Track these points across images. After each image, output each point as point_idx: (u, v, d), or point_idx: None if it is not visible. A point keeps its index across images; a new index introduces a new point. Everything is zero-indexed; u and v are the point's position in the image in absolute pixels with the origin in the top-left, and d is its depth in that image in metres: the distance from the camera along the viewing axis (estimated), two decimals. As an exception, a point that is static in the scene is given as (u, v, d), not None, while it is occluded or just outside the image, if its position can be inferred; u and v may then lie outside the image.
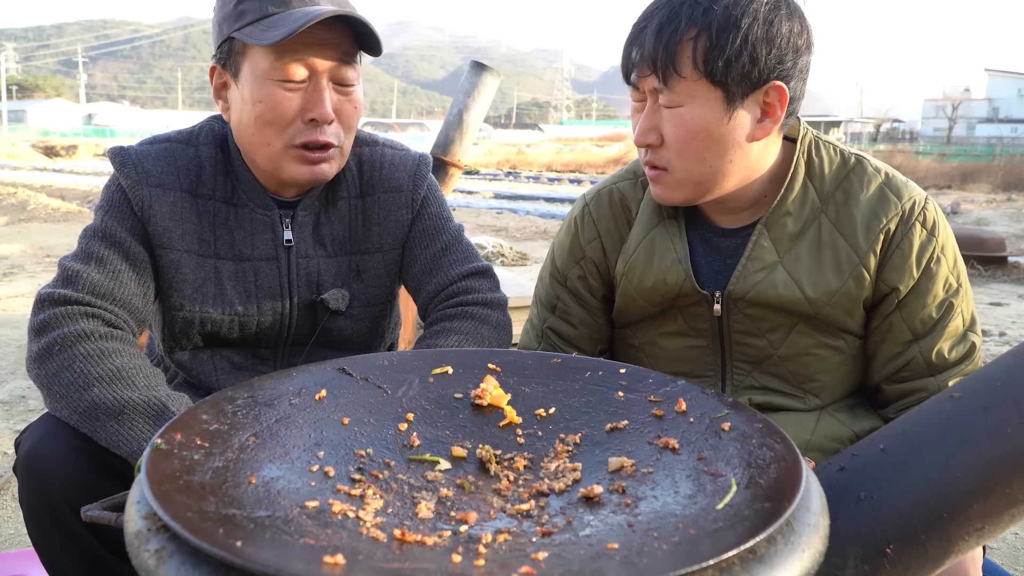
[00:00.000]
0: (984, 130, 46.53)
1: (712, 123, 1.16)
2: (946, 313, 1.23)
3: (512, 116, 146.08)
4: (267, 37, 1.22)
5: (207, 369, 1.41)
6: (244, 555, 0.60)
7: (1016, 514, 0.79)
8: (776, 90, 1.16)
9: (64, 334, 1.17)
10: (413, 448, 0.90)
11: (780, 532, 0.67)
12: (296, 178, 1.32)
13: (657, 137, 1.20)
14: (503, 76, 2.84)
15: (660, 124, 1.20)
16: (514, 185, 22.64)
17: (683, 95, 1.16)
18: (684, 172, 1.21)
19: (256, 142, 1.30)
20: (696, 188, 1.23)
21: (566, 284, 1.44)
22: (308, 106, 1.28)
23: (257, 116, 1.27)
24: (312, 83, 1.28)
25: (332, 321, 1.43)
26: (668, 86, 1.15)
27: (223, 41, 1.30)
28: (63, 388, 1.13)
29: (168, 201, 1.33)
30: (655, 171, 1.24)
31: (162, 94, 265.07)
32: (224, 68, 1.32)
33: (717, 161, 1.19)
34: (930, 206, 1.25)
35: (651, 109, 1.20)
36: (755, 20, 1.12)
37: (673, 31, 1.13)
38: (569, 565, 0.64)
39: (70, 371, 1.14)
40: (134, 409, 1.10)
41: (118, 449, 1.09)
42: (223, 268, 1.36)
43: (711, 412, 0.91)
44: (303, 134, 1.29)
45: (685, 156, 1.19)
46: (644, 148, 1.24)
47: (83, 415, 1.11)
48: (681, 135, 1.18)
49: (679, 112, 1.17)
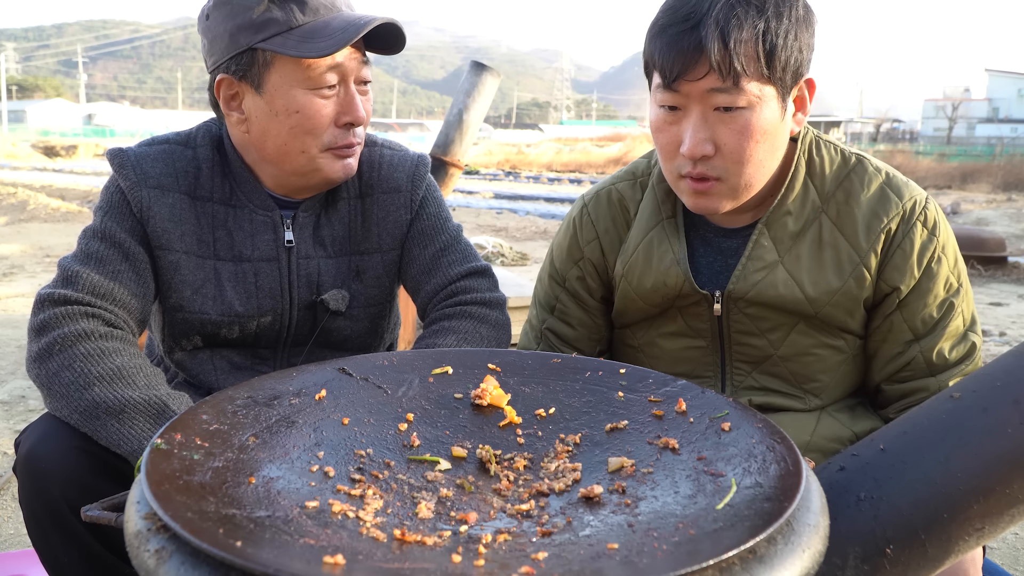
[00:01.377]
0: (984, 130, 46.54)
1: (773, 123, 1.15)
2: (947, 313, 1.23)
3: (512, 116, 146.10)
4: (314, 49, 1.22)
5: (207, 369, 1.41)
6: (244, 555, 0.60)
7: (1016, 514, 0.79)
8: (808, 83, 1.18)
9: (64, 334, 1.17)
10: (413, 448, 0.90)
11: (780, 532, 0.67)
12: (332, 177, 1.34)
13: (713, 147, 1.14)
14: (503, 76, 2.84)
15: (715, 133, 1.14)
16: (514, 185, 22.64)
17: (749, 96, 1.11)
18: (742, 178, 1.17)
19: (289, 151, 1.30)
20: (746, 192, 1.19)
21: (565, 285, 1.44)
22: (343, 110, 1.30)
23: (294, 126, 1.28)
24: (342, 87, 1.30)
25: (332, 321, 1.43)
26: (737, 85, 1.10)
27: (239, 52, 1.26)
28: (63, 388, 1.13)
29: (167, 203, 1.33)
30: (706, 183, 1.17)
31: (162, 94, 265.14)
32: (240, 80, 1.28)
33: (772, 162, 1.18)
34: (931, 206, 1.25)
35: (701, 116, 1.13)
36: (798, 12, 1.13)
37: (735, 29, 1.08)
38: (569, 565, 0.64)
39: (70, 371, 1.14)
40: (134, 408, 1.11)
41: (119, 448, 1.09)
42: (223, 269, 1.36)
43: (711, 412, 0.91)
44: (340, 138, 1.32)
45: (746, 162, 1.15)
46: (690, 161, 1.16)
47: (83, 414, 1.11)
48: (745, 140, 1.13)
49: (742, 116, 1.12)
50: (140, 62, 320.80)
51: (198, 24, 1.35)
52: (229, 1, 1.26)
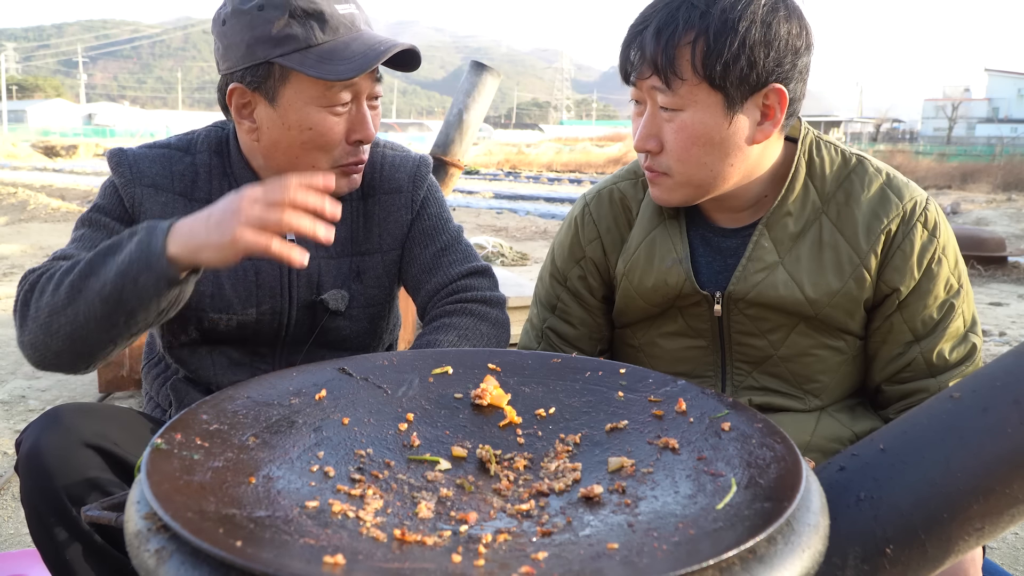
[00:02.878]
0: (984, 130, 46.55)
1: (713, 128, 1.16)
2: (947, 314, 1.23)
3: (512, 116, 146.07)
4: (334, 72, 1.22)
5: (206, 364, 1.41)
6: (244, 555, 0.60)
7: (1016, 514, 0.79)
8: (776, 92, 1.15)
9: (41, 273, 1.17)
10: (413, 448, 0.90)
11: (780, 532, 0.67)
12: (336, 192, 1.34)
13: (657, 144, 1.20)
14: (503, 76, 2.84)
15: (660, 130, 1.19)
16: (514, 185, 22.64)
17: (684, 98, 1.15)
18: (684, 176, 1.21)
19: (299, 164, 1.31)
20: (696, 190, 1.23)
21: (566, 284, 1.44)
22: (354, 128, 1.30)
23: (305, 141, 1.28)
24: (355, 105, 1.30)
25: (331, 321, 1.43)
26: (670, 87, 1.15)
27: (255, 64, 1.25)
28: (63, 299, 1.12)
29: (160, 201, 1.34)
30: (654, 174, 1.24)
31: (162, 94, 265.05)
32: (255, 91, 1.28)
33: (718, 165, 1.19)
34: (931, 207, 1.25)
35: (651, 114, 1.20)
36: (752, 23, 1.11)
37: (671, 34, 1.12)
38: (569, 565, 0.64)
39: (60, 285, 1.13)
40: (134, 259, 1.08)
41: (161, 295, 1.08)
42: (222, 268, 1.36)
43: (711, 412, 0.91)
44: (349, 155, 1.32)
45: (686, 162, 1.19)
46: (644, 153, 1.24)
47: (104, 299, 1.09)
48: (682, 141, 1.17)
49: (680, 117, 1.16)
50: (140, 62, 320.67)
51: (212, 26, 1.34)
52: (248, 11, 1.24)
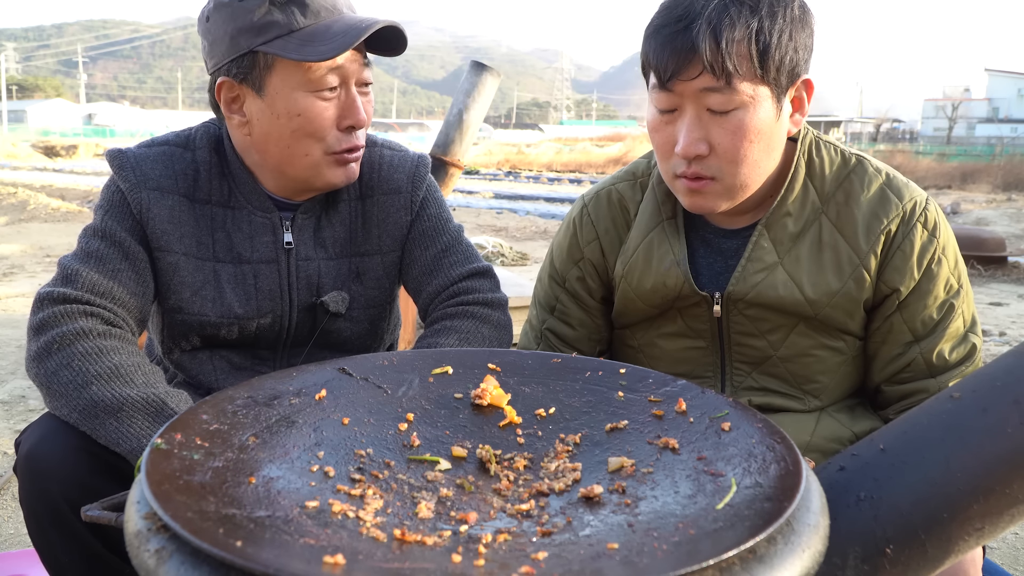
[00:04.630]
0: (984, 130, 46.53)
1: (768, 123, 1.15)
2: (947, 314, 1.23)
3: (512, 116, 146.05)
4: (315, 52, 1.22)
5: (206, 369, 1.41)
6: (244, 555, 0.60)
7: (1016, 514, 0.79)
8: (806, 83, 1.18)
9: (63, 332, 1.17)
10: (413, 448, 0.90)
11: (780, 532, 0.67)
12: (334, 182, 1.34)
13: (707, 147, 1.15)
14: (503, 76, 2.84)
15: (709, 133, 1.14)
16: (514, 185, 22.63)
17: (742, 96, 1.11)
18: (737, 178, 1.17)
19: (292, 154, 1.30)
20: (742, 192, 1.20)
21: (565, 285, 1.44)
22: (344, 114, 1.30)
23: (295, 129, 1.28)
24: (343, 90, 1.29)
25: (331, 323, 1.43)
26: (730, 85, 1.10)
27: (240, 55, 1.25)
28: (62, 386, 1.13)
29: (166, 204, 1.33)
30: (700, 182, 1.18)
31: (162, 94, 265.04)
32: (241, 83, 1.28)
33: (767, 162, 1.18)
34: (931, 207, 1.25)
35: (696, 116, 1.14)
36: (794, 13, 1.13)
37: (728, 29, 1.09)
38: (569, 565, 0.64)
39: (69, 369, 1.14)
40: (133, 406, 1.10)
41: (118, 447, 1.09)
42: (222, 271, 1.36)
43: (711, 412, 0.91)
44: (341, 142, 1.31)
45: (740, 162, 1.15)
46: (684, 160, 1.17)
47: (82, 413, 1.11)
48: (739, 140, 1.14)
49: (735, 116, 1.13)
50: (140, 62, 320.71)
51: (198, 26, 1.35)
52: (230, 3, 1.25)
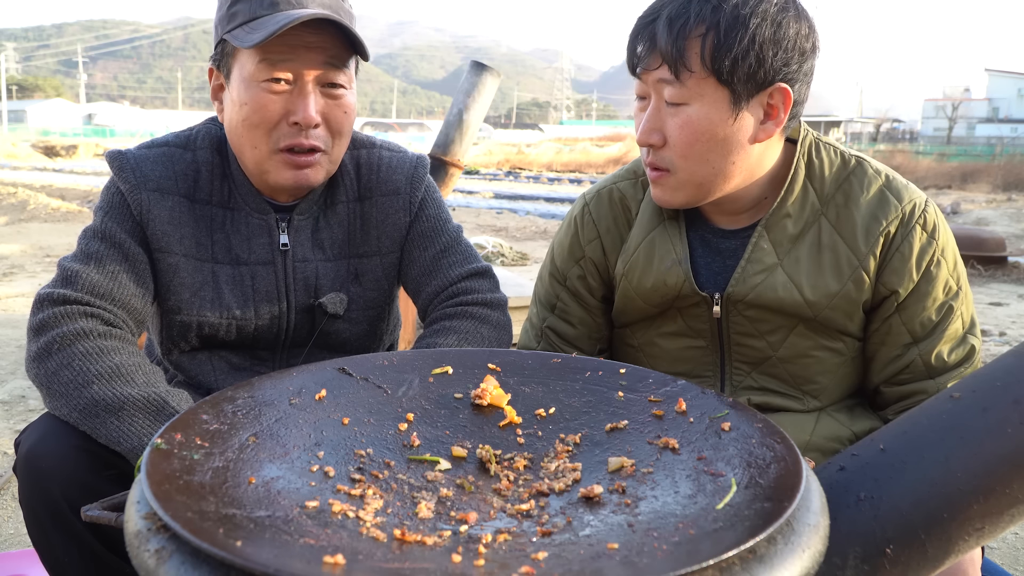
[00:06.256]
0: (984, 130, 46.54)
1: (717, 124, 1.16)
2: (946, 316, 1.23)
3: (512, 116, 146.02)
4: (249, 39, 1.23)
5: (205, 370, 1.41)
6: (244, 555, 0.60)
7: (1016, 514, 0.79)
8: (780, 92, 1.16)
9: (63, 333, 1.17)
10: (413, 448, 0.90)
11: (780, 532, 0.67)
12: (281, 183, 1.32)
13: (660, 138, 1.20)
14: (503, 76, 2.84)
15: (664, 124, 1.19)
16: (514, 185, 22.62)
17: (691, 92, 1.15)
18: (687, 173, 1.21)
19: (244, 144, 1.31)
20: (698, 190, 1.23)
21: (565, 284, 1.44)
22: (292, 109, 1.27)
23: (244, 118, 1.28)
24: (297, 86, 1.28)
25: (330, 324, 1.43)
26: (679, 79, 1.15)
27: (217, 43, 1.32)
28: (62, 386, 1.13)
29: (166, 205, 1.33)
30: (657, 172, 1.24)
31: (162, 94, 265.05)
32: (219, 70, 1.33)
33: (720, 162, 1.19)
34: (930, 209, 1.25)
35: (655, 107, 1.20)
36: (763, 20, 1.12)
37: (683, 25, 1.13)
38: (569, 565, 0.64)
39: (69, 369, 1.14)
40: (133, 405, 1.11)
41: (118, 446, 1.09)
42: (221, 272, 1.36)
43: (711, 412, 0.91)
44: (288, 137, 1.29)
45: (689, 157, 1.19)
46: (646, 148, 1.23)
47: (82, 412, 1.11)
48: (686, 136, 1.17)
49: (685, 111, 1.16)
50: (140, 62, 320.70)
51: None
52: None
